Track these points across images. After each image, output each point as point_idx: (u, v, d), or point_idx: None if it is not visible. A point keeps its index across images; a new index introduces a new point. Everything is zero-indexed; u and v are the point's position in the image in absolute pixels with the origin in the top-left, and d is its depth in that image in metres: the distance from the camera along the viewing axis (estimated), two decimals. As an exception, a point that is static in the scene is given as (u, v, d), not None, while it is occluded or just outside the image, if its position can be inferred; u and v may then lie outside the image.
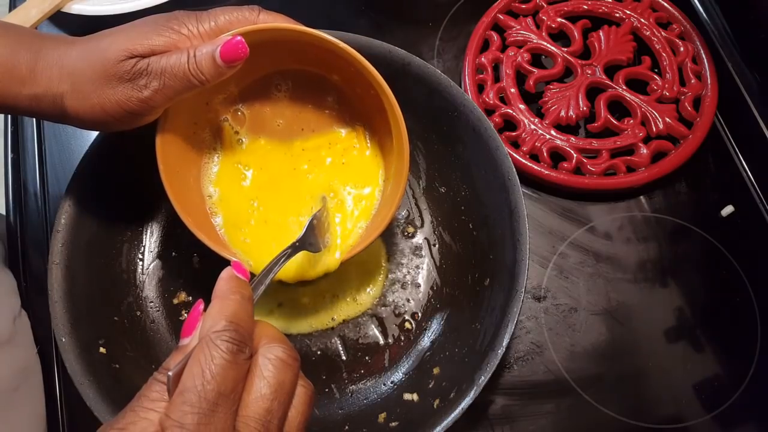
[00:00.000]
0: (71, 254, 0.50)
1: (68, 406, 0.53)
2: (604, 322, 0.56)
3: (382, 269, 0.56)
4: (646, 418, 0.52)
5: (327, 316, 0.55)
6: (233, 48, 0.39)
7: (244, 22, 0.42)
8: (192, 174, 0.51)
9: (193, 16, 0.41)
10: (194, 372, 0.28)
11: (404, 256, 0.57)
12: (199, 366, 0.28)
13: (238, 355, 0.30)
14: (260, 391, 0.30)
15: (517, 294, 0.45)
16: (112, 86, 0.39)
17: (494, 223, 0.52)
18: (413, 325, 0.55)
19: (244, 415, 0.29)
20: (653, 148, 0.60)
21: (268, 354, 0.31)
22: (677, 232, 0.60)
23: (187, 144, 0.50)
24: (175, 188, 0.48)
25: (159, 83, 0.39)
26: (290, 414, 0.32)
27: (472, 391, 0.43)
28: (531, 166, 0.60)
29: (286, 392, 0.31)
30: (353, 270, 0.56)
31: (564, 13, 0.68)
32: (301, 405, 0.32)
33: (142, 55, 0.39)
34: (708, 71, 0.64)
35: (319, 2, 0.72)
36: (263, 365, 0.31)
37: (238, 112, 0.53)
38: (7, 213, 0.62)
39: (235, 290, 0.32)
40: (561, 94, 0.63)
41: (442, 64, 0.68)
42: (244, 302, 0.32)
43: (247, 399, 0.30)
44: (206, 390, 0.28)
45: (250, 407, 0.30)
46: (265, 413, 0.30)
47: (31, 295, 0.57)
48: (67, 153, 0.64)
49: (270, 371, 0.31)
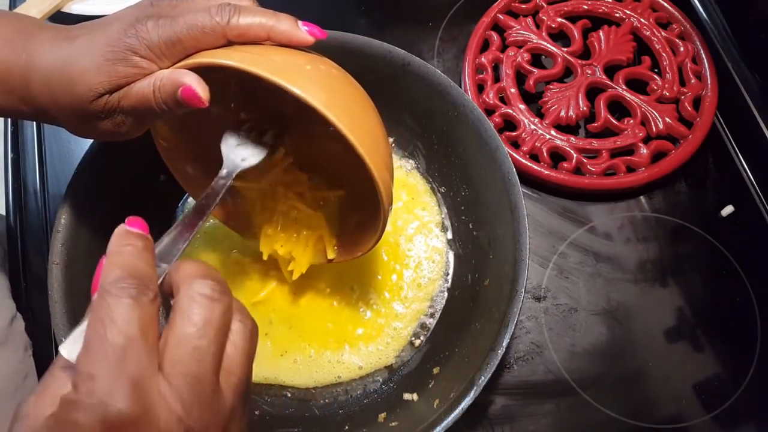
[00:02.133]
0: (71, 254, 0.49)
1: (68, 406, 0.53)
2: (604, 322, 0.56)
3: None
4: (646, 418, 0.52)
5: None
6: (190, 96, 0.36)
7: (208, 38, 0.37)
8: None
9: (155, 26, 0.37)
10: (94, 323, 0.26)
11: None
12: (97, 316, 0.26)
13: (139, 297, 0.27)
14: (183, 330, 0.28)
15: (517, 294, 0.45)
16: (92, 123, 0.39)
17: (494, 223, 0.52)
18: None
19: (168, 357, 0.27)
20: (653, 148, 0.60)
21: (188, 292, 0.29)
22: (677, 232, 0.60)
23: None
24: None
25: (134, 116, 0.39)
26: (228, 351, 0.30)
27: (472, 391, 0.43)
28: (531, 166, 0.60)
29: (216, 328, 0.29)
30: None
31: (564, 13, 0.68)
32: (241, 341, 0.30)
33: (110, 92, 0.38)
34: (708, 71, 0.64)
35: (319, 2, 0.72)
36: (184, 305, 0.29)
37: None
38: (7, 213, 0.62)
39: (125, 243, 0.30)
40: (561, 94, 0.63)
41: (442, 64, 0.68)
42: (138, 252, 0.30)
43: (170, 341, 0.28)
44: (110, 335, 0.26)
45: (173, 348, 0.28)
46: (192, 352, 0.28)
47: (31, 295, 0.57)
48: (67, 153, 0.64)
49: (193, 309, 0.28)
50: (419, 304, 0.55)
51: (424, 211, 0.59)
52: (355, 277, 0.56)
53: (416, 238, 0.58)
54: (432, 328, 0.54)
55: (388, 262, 0.57)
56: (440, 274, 0.56)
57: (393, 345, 0.54)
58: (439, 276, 0.56)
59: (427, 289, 0.56)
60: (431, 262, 0.57)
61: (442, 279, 0.56)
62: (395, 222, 0.58)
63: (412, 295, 0.55)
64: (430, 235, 0.58)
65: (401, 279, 0.56)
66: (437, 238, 0.58)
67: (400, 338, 0.54)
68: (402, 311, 0.55)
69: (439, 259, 0.57)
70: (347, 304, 0.55)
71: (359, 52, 0.56)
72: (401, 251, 0.57)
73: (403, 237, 0.58)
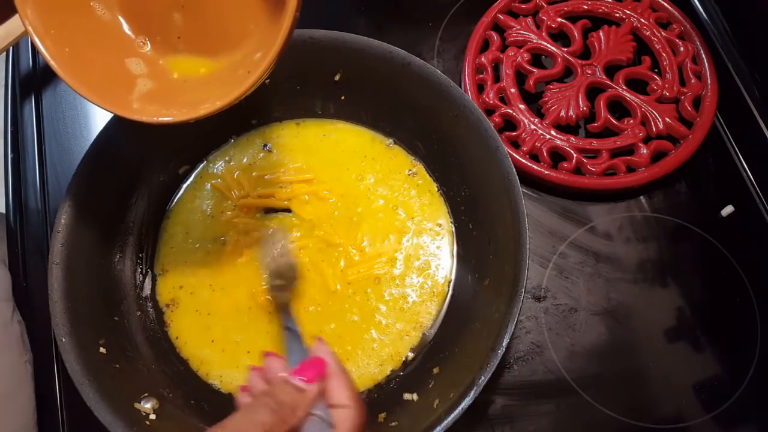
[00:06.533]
0: (71, 254, 0.50)
1: (68, 406, 0.53)
2: (604, 322, 0.56)
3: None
4: (646, 418, 0.52)
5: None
6: None
7: None
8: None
9: None
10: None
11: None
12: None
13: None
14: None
15: (517, 294, 0.45)
16: None
17: (494, 223, 0.52)
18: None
19: None
20: (653, 148, 0.60)
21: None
22: (677, 232, 0.60)
23: None
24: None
25: None
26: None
27: (472, 391, 0.43)
28: (531, 166, 0.60)
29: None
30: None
31: (564, 13, 0.68)
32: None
33: None
34: (708, 71, 0.64)
35: (319, 2, 0.72)
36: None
37: None
38: (7, 213, 0.62)
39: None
40: (561, 94, 0.63)
41: (442, 64, 0.68)
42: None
43: None
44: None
45: None
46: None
47: (31, 295, 0.57)
48: (67, 153, 0.64)
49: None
50: (419, 304, 0.55)
51: (424, 211, 0.59)
52: (355, 278, 0.56)
53: (416, 238, 0.58)
54: (432, 329, 0.54)
55: (388, 262, 0.57)
56: (440, 274, 0.56)
57: (392, 345, 0.54)
58: (438, 276, 0.56)
59: (427, 289, 0.56)
60: (431, 262, 0.57)
61: (442, 279, 0.56)
62: (395, 221, 0.58)
63: (411, 296, 0.55)
64: (430, 235, 0.58)
65: (401, 279, 0.56)
66: (437, 238, 0.58)
67: (399, 338, 0.54)
68: (401, 311, 0.55)
69: (439, 259, 0.57)
70: (348, 305, 0.55)
71: (359, 52, 0.56)
72: (401, 251, 0.57)
73: (403, 237, 0.58)
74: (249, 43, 0.46)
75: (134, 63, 0.47)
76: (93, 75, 0.44)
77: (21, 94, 0.67)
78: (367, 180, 0.60)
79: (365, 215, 0.59)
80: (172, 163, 0.60)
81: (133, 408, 0.47)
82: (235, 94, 0.41)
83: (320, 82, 0.60)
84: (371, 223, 0.58)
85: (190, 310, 0.56)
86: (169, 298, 0.56)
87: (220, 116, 0.43)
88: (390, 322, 0.54)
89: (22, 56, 0.69)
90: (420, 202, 0.59)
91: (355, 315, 0.55)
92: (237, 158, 0.62)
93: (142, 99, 0.45)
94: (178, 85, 0.47)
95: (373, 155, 0.61)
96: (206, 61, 0.48)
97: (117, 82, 0.46)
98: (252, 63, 0.43)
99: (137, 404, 0.48)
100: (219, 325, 0.55)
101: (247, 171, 0.61)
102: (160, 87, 0.47)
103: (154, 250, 0.58)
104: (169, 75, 0.48)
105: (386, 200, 0.59)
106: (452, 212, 0.58)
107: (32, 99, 0.67)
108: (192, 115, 0.42)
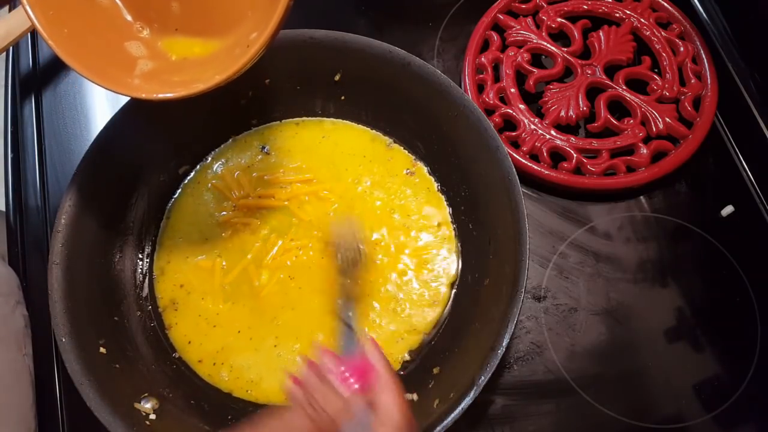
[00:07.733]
0: (71, 254, 0.50)
1: (68, 406, 0.53)
2: (604, 322, 0.56)
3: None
4: (646, 418, 0.52)
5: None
6: None
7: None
8: None
9: None
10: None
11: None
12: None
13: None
14: None
15: (517, 294, 0.45)
16: None
17: (494, 223, 0.52)
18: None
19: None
20: (653, 148, 0.60)
21: None
22: (677, 232, 0.60)
23: None
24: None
25: None
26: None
27: (472, 391, 0.43)
28: (531, 166, 0.60)
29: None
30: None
31: (564, 13, 0.68)
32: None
33: None
34: (708, 71, 0.64)
35: (319, 2, 0.72)
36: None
37: None
38: (7, 213, 0.62)
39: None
40: (561, 94, 0.63)
41: (442, 64, 0.68)
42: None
43: None
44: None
45: None
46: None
47: (31, 295, 0.57)
48: (67, 153, 0.64)
49: None
50: (419, 304, 0.55)
51: (424, 211, 0.59)
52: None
53: (416, 238, 0.58)
54: (432, 328, 0.54)
55: (388, 262, 0.57)
56: (440, 274, 0.56)
57: (392, 345, 0.54)
58: (438, 276, 0.56)
59: (427, 289, 0.56)
60: (431, 262, 0.57)
61: (442, 279, 0.56)
62: (394, 222, 0.58)
63: (411, 295, 0.55)
64: (430, 235, 0.58)
65: (400, 279, 0.56)
66: (437, 237, 0.58)
67: (399, 338, 0.54)
68: (401, 311, 0.55)
69: (439, 259, 0.57)
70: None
71: (360, 52, 0.56)
72: (401, 251, 0.57)
73: (403, 237, 0.58)
74: (246, 24, 0.47)
75: (134, 46, 0.49)
76: (92, 55, 0.45)
77: (21, 94, 0.67)
78: (366, 180, 0.60)
79: (365, 215, 0.59)
80: (172, 163, 0.60)
81: (133, 408, 0.47)
82: (232, 69, 0.43)
83: (320, 82, 0.60)
84: (371, 223, 0.58)
85: (190, 310, 0.56)
86: (169, 298, 0.56)
87: (220, 116, 0.43)
88: (388, 322, 0.54)
89: (22, 56, 0.69)
90: (419, 202, 0.59)
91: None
92: (236, 158, 0.62)
93: (142, 77, 0.47)
94: (177, 65, 0.49)
95: (373, 155, 0.61)
96: (204, 42, 0.49)
97: (117, 63, 0.47)
98: (248, 41, 0.44)
99: (137, 404, 0.48)
100: (219, 325, 0.55)
101: (246, 171, 0.61)
102: (160, 67, 0.48)
103: (153, 250, 0.58)
104: (168, 56, 0.49)
105: (385, 200, 0.59)
106: (452, 212, 0.58)
107: (32, 99, 0.67)
108: (191, 90, 0.44)
